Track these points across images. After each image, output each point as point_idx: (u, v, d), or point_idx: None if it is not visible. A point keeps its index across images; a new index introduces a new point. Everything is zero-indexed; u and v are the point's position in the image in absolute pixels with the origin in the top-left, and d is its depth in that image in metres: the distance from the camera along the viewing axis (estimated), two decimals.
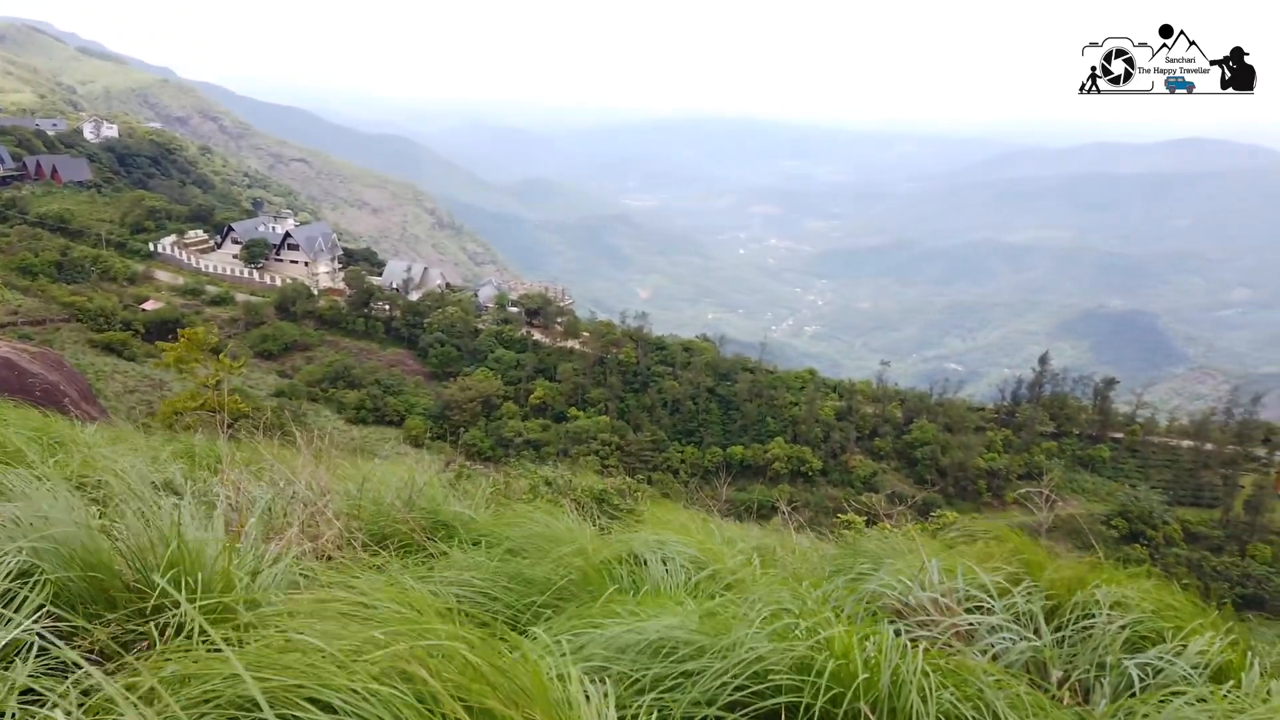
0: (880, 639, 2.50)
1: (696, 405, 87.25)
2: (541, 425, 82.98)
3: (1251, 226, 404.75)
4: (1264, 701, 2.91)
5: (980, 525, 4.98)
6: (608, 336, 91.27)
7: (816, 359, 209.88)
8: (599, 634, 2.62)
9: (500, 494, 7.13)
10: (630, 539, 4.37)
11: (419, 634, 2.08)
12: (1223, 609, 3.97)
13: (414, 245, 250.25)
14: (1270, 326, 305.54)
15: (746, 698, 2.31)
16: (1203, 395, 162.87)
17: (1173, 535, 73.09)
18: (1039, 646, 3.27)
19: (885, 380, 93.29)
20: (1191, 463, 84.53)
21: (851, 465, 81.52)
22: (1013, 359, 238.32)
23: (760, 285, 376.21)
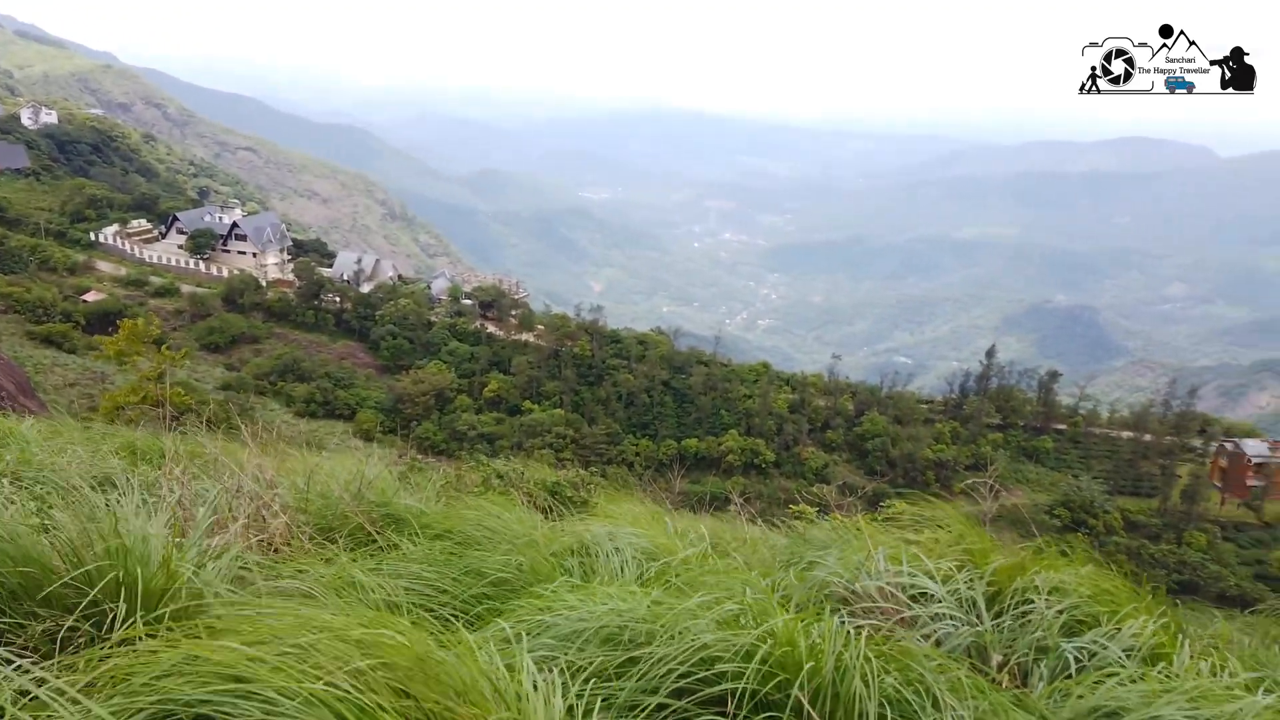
0: (825, 627, 2.54)
1: (651, 398, 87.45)
2: (496, 418, 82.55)
3: (1189, 224, 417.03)
4: (1194, 681, 3.01)
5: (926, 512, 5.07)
6: (563, 329, 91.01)
7: (770, 352, 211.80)
8: (548, 623, 2.63)
9: (452, 487, 7.08)
10: (582, 530, 4.39)
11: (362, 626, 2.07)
12: (1156, 594, 4.11)
13: (365, 236, 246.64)
14: (1206, 321, 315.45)
15: (693, 684, 2.34)
16: (1142, 388, 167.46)
17: (1113, 524, 75.09)
18: (980, 631, 3.35)
19: (837, 373, 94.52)
20: (1131, 453, 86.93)
21: (804, 457, 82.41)
22: (961, 352, 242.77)
23: (715, 279, 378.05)
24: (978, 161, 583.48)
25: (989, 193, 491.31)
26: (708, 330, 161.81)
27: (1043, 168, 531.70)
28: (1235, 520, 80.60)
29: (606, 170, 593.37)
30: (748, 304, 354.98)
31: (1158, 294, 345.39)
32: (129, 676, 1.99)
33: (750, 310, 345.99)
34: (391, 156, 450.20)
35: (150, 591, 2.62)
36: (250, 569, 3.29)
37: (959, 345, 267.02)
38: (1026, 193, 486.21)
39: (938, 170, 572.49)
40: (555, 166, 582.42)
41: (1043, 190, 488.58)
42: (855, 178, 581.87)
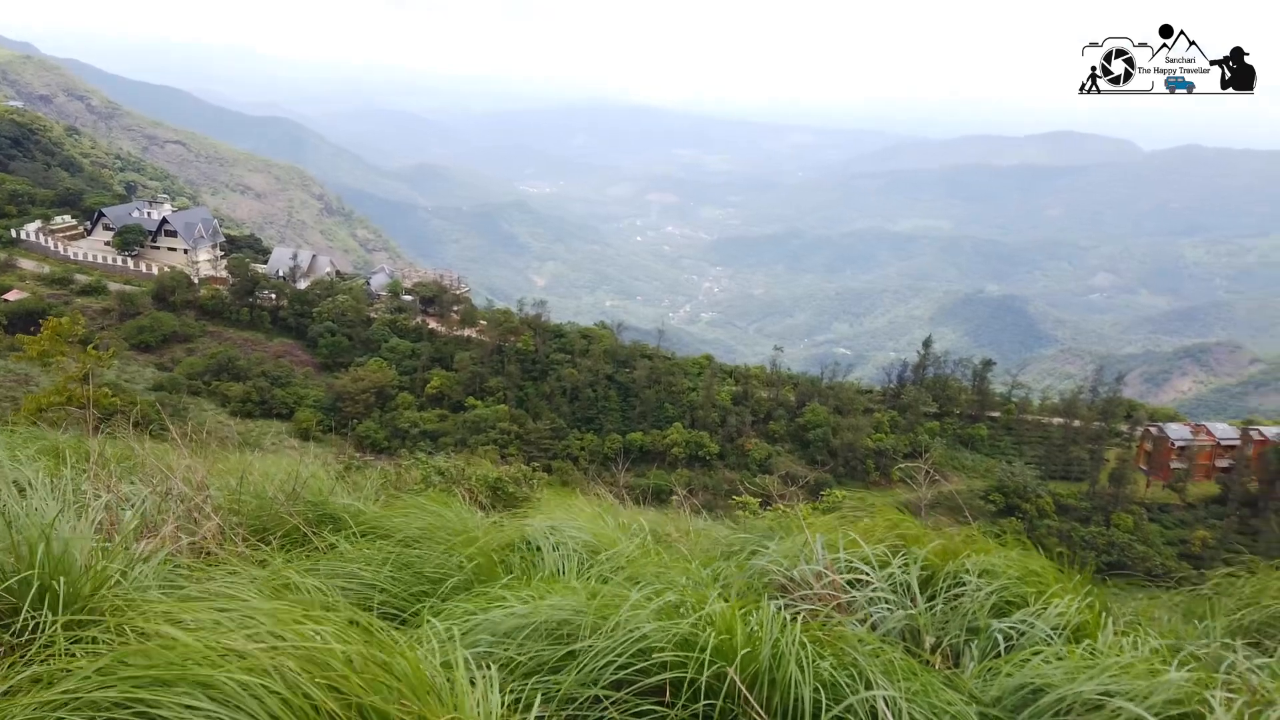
0: (762, 614, 2.58)
1: (596, 392, 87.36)
2: (438, 415, 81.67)
3: (1114, 216, 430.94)
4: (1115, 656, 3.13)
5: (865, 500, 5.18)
6: (505, 325, 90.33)
7: (713, 345, 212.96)
8: (487, 620, 2.62)
9: (392, 485, 7.00)
10: (524, 526, 4.37)
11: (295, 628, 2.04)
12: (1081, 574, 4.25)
13: (301, 232, 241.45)
14: (1132, 310, 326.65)
15: (632, 675, 2.36)
16: (1071, 375, 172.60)
17: (1045, 507, 77.34)
18: (913, 614, 3.43)
19: (779, 365, 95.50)
20: (1061, 439, 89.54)
21: (747, 448, 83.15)
22: (898, 343, 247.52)
23: (658, 272, 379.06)
24: (913, 155, 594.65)
25: (924, 186, 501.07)
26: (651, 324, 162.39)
27: (975, 161, 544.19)
28: (1160, 502, 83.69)
29: (548, 164, 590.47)
30: (690, 297, 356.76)
31: (1085, 284, 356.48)
32: (50, 683, 1.94)
33: (693, 303, 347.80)
34: (327, 150, 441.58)
35: (74, 597, 2.55)
36: (181, 572, 3.21)
37: (896, 336, 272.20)
38: (960, 185, 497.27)
39: (875, 163, 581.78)
40: (496, 160, 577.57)
41: (975, 183, 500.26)
42: (795, 171, 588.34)
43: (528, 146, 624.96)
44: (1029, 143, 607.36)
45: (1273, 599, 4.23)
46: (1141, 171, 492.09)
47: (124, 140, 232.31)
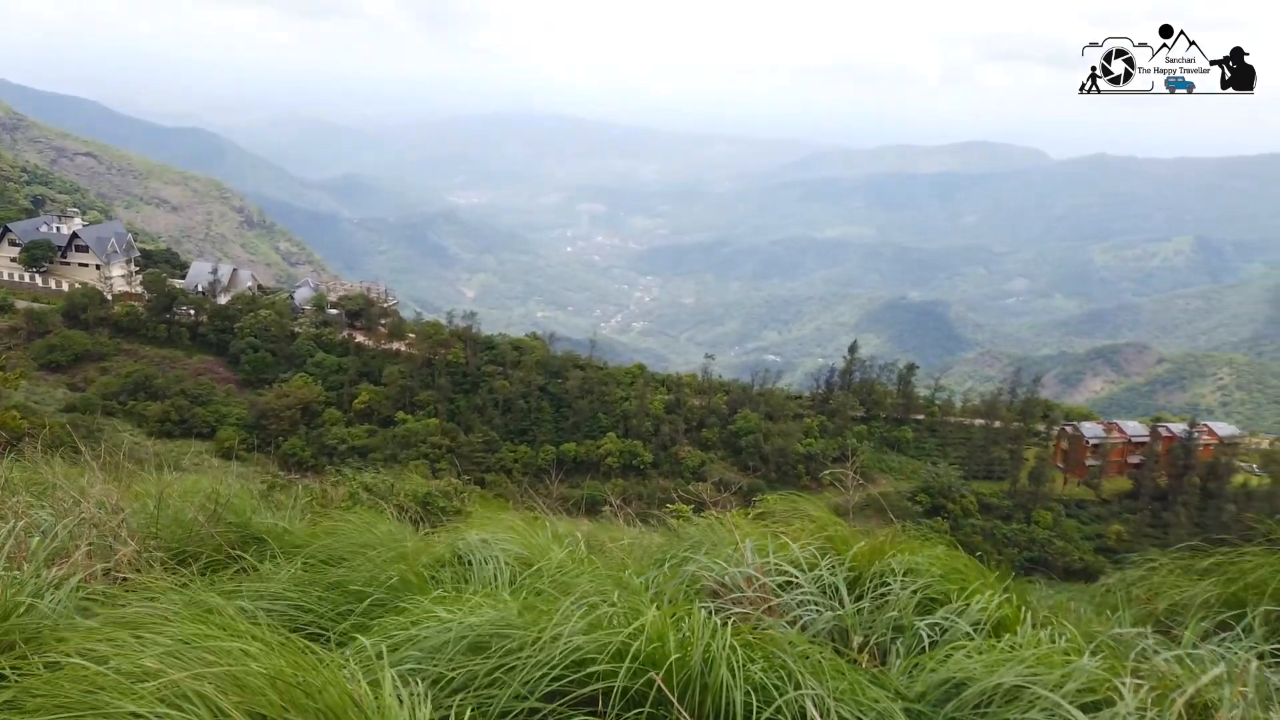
0: (693, 620, 2.61)
1: (528, 404, 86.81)
2: (367, 431, 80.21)
3: (1029, 222, 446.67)
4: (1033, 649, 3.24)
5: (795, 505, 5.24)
6: (435, 337, 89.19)
7: (645, 354, 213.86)
8: (415, 636, 2.59)
9: (317, 503, 6.85)
10: (454, 540, 4.33)
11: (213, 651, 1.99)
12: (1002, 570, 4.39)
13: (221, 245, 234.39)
14: (1046, 313, 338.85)
15: (565, 687, 2.36)
16: (990, 377, 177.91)
17: (969, 507, 79.53)
18: (841, 615, 3.50)
19: (710, 373, 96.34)
20: (983, 439, 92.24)
21: (681, 456, 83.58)
22: (825, 349, 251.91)
23: (589, 282, 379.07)
24: (835, 163, 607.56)
25: (847, 194, 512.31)
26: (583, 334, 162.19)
27: (895, 169, 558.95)
28: (1077, 498, 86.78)
29: (477, 174, 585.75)
30: (622, 306, 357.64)
31: (1001, 289, 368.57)
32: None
33: (625, 313, 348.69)
34: (247, 161, 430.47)
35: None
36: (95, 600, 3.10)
37: (824, 342, 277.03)
38: (881, 193, 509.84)
39: (798, 172, 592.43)
40: (423, 170, 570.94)
41: (896, 191, 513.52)
42: (722, 180, 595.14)
43: (456, 156, 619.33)
44: (945, 152, 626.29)
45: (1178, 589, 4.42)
46: (1052, 180, 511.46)
47: (30, 153, 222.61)
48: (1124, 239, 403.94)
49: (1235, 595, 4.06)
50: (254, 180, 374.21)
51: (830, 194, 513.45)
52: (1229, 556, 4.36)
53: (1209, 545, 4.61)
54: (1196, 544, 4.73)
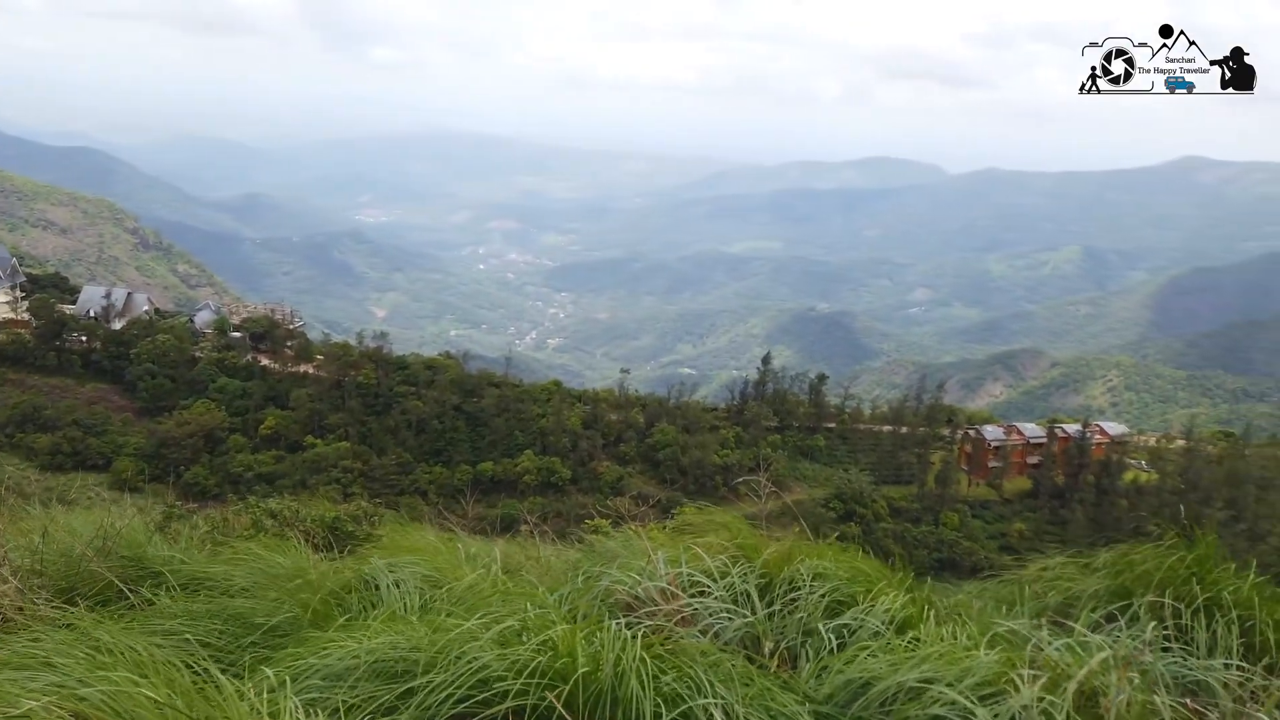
0: (603, 634, 2.61)
1: (443, 424, 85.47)
2: (275, 456, 77.77)
3: (928, 234, 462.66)
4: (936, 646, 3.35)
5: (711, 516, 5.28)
6: (345, 358, 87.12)
7: (561, 370, 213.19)
8: (318, 664, 2.52)
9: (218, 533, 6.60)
10: (362, 565, 4.24)
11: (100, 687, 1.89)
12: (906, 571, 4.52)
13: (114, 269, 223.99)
14: (947, 321, 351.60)
15: (473, 707, 2.33)
16: (897, 384, 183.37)
17: (880, 511, 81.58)
18: (752, 622, 3.55)
19: (626, 387, 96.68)
20: (891, 445, 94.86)
21: (599, 471, 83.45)
22: (739, 360, 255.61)
23: (502, 300, 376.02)
24: (743, 180, 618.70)
25: (753, 210, 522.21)
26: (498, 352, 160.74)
27: (799, 185, 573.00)
28: (981, 499, 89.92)
29: (383, 193, 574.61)
30: (536, 323, 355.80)
31: (904, 299, 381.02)
32: None
33: (539, 330, 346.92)
34: (141, 181, 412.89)
35: None
36: None
37: (737, 354, 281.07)
38: (786, 209, 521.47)
39: (705, 189, 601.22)
40: (327, 189, 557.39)
41: (800, 206, 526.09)
42: (631, 197, 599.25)
43: (361, 175, 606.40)
44: (846, 168, 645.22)
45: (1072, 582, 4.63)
46: (948, 193, 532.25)
47: None
48: (1016, 249, 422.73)
49: (1124, 586, 4.25)
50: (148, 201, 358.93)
51: (738, 210, 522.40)
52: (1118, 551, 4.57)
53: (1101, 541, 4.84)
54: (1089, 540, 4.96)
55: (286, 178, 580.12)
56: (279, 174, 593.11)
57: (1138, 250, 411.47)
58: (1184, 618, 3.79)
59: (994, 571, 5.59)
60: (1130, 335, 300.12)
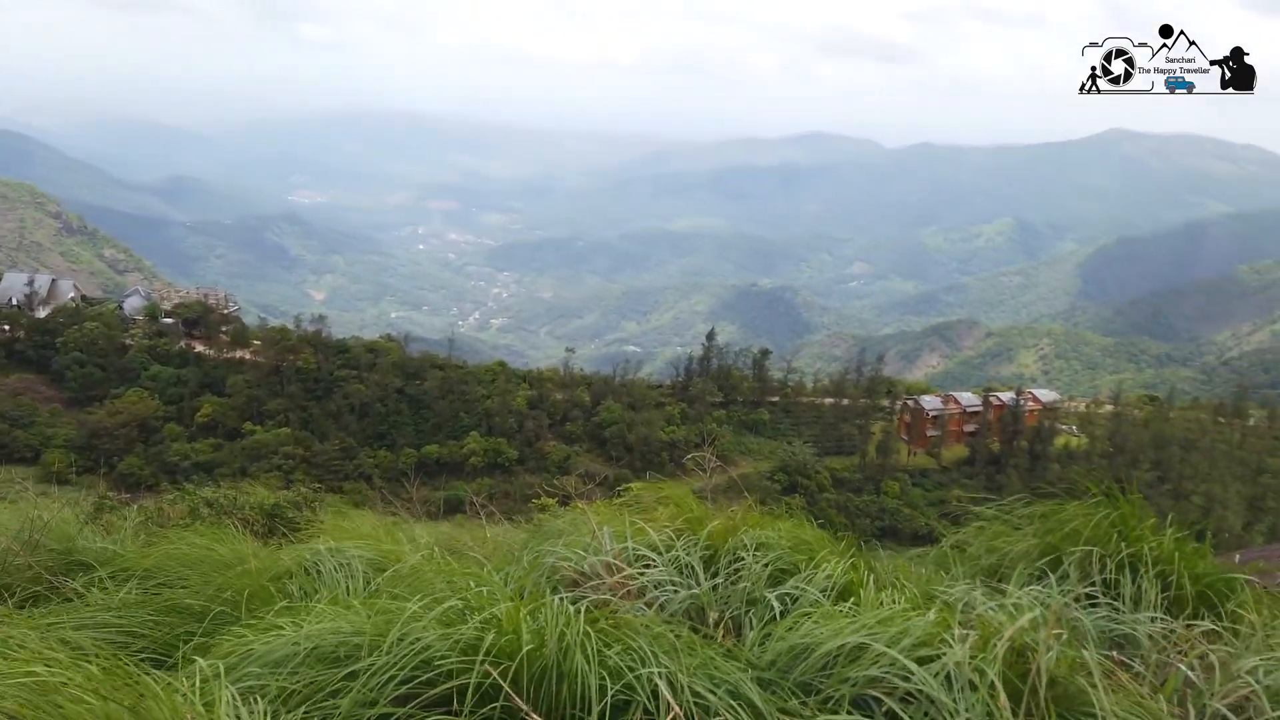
0: (547, 610, 2.62)
1: (386, 407, 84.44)
2: (212, 445, 76.16)
3: (865, 209, 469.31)
4: (875, 610, 3.43)
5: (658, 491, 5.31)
6: (283, 343, 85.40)
7: (505, 351, 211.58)
8: (256, 652, 2.49)
9: (153, 523, 6.44)
10: (303, 551, 4.18)
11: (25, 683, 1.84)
12: (848, 538, 4.61)
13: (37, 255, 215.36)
14: (885, 294, 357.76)
15: (417, 688, 2.32)
16: (838, 358, 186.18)
17: (823, 482, 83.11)
18: (697, 593, 3.60)
19: (572, 366, 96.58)
20: (833, 417, 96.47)
21: (546, 451, 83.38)
22: (683, 337, 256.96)
23: (444, 281, 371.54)
24: (683, 158, 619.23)
25: (694, 187, 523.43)
26: (440, 333, 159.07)
27: (739, 162, 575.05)
28: (920, 467, 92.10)
29: (318, 174, 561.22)
30: (479, 304, 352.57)
31: (844, 273, 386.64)
32: None
33: (482, 310, 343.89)
34: (63, 164, 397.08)
35: None
36: None
37: (681, 331, 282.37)
38: (727, 186, 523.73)
39: (647, 167, 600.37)
40: (259, 172, 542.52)
41: (741, 183, 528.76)
42: (572, 175, 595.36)
43: (294, 156, 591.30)
44: (785, 144, 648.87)
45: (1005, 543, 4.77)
46: (884, 168, 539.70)
47: None
48: (951, 223, 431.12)
49: (1053, 546, 4.39)
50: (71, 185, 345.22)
51: (679, 187, 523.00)
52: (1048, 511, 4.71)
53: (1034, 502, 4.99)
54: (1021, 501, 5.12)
55: (215, 159, 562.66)
56: (207, 156, 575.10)
57: (1067, 221, 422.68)
58: (1110, 574, 3.94)
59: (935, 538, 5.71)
60: (1060, 304, 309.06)
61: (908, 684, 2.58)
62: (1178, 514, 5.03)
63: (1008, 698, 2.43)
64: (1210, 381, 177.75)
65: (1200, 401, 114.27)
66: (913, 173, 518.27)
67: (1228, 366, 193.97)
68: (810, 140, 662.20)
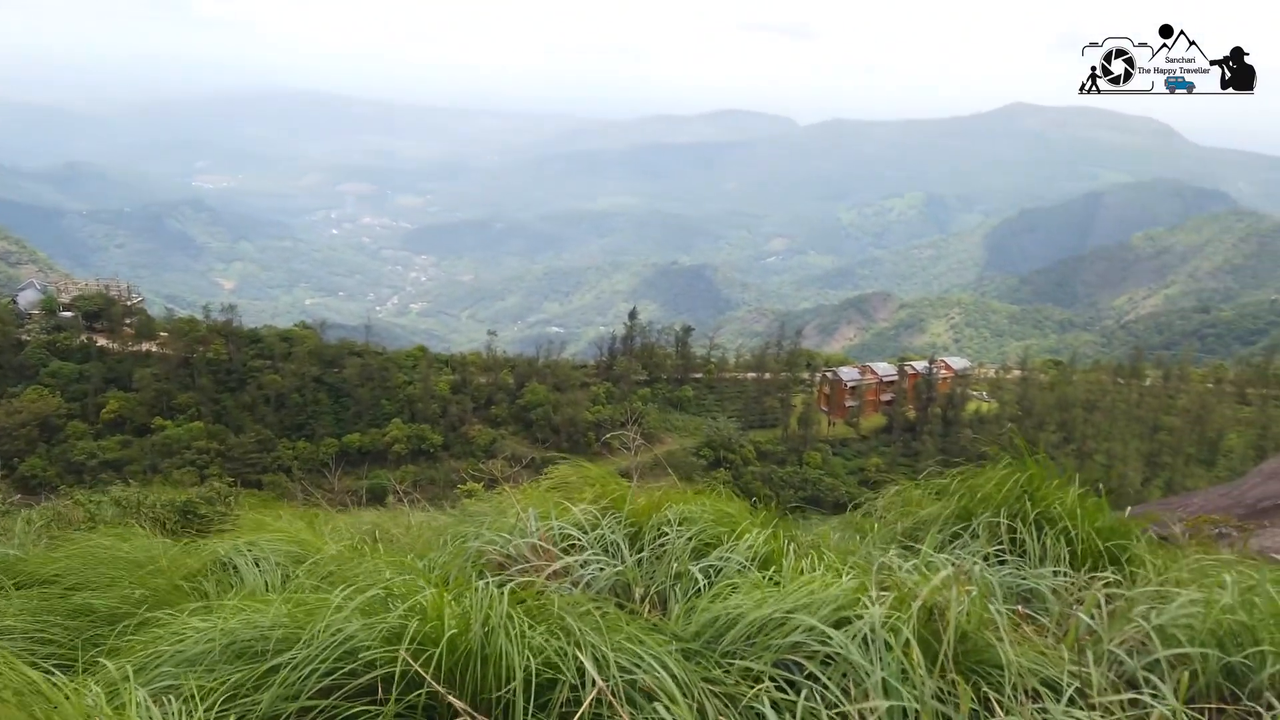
0: (471, 594, 2.61)
1: (304, 397, 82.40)
2: (120, 442, 73.25)
3: (781, 185, 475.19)
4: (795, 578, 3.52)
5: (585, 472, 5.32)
6: (191, 334, 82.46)
7: (426, 335, 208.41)
8: (169, 651, 2.42)
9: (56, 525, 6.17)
10: (218, 546, 4.07)
11: None
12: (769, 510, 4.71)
13: None
14: (803, 269, 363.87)
15: (340, 680, 2.29)
16: (758, 333, 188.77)
17: (748, 456, 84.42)
18: (623, 570, 3.63)
19: (494, 349, 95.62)
20: (756, 391, 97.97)
21: (471, 436, 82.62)
22: (606, 317, 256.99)
23: (359, 265, 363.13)
24: (598, 136, 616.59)
25: (612, 165, 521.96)
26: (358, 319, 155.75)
27: (655, 140, 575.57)
28: (840, 437, 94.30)
29: (221, 157, 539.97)
30: (397, 288, 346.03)
31: (762, 249, 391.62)
32: None
33: (401, 294, 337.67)
34: None
35: None
36: None
37: (604, 310, 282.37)
38: (644, 164, 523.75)
39: (563, 145, 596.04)
40: (158, 155, 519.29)
41: (658, 161, 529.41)
42: (488, 155, 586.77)
43: (196, 139, 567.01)
44: (701, 121, 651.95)
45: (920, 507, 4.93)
46: (799, 144, 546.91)
47: None
48: (864, 197, 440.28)
49: (965, 508, 4.56)
50: None
51: (597, 166, 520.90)
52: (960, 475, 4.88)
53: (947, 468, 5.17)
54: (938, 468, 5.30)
55: (111, 144, 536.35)
56: (103, 140, 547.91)
57: (974, 194, 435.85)
58: (1018, 532, 4.12)
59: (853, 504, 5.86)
60: (969, 275, 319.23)
61: (827, 648, 2.66)
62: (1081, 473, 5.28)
63: (921, 655, 2.52)
64: (1110, 344, 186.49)
65: (1101, 364, 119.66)
66: (826, 148, 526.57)
67: (1125, 330, 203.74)
68: (725, 117, 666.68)
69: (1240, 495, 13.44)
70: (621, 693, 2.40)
